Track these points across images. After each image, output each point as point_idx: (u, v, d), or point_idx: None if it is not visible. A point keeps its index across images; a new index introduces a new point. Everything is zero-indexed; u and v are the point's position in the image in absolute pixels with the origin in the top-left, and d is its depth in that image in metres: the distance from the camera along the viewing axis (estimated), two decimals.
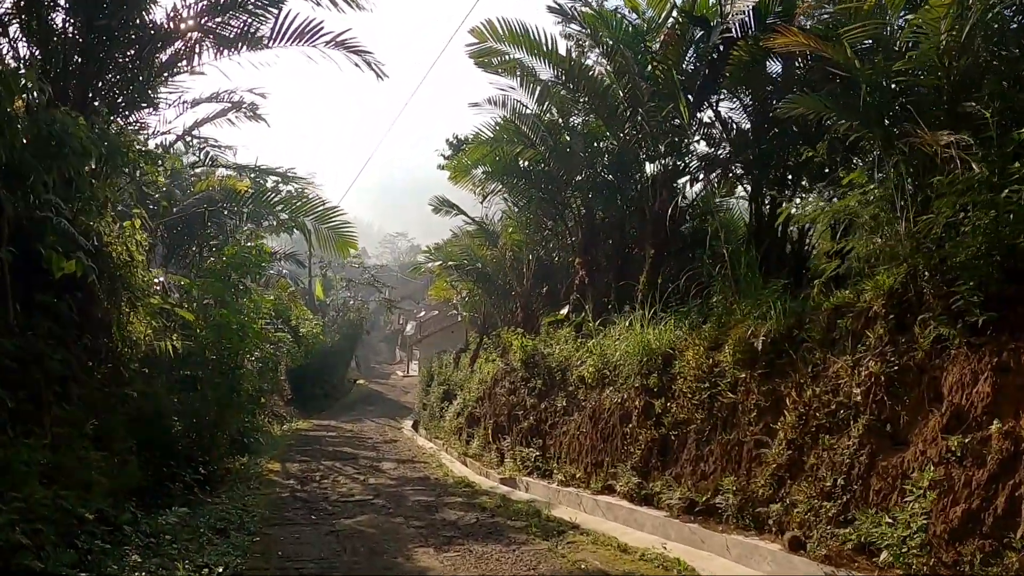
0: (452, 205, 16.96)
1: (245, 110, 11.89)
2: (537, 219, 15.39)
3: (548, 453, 10.67)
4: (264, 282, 17.62)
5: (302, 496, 8.98)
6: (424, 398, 23.87)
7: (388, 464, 12.21)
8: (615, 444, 9.08)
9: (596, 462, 9.39)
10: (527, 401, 11.48)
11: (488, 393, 13.38)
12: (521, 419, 11.52)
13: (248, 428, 13.25)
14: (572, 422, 10.27)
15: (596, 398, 9.79)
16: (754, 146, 10.67)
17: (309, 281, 30.71)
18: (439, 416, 19.62)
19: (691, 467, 7.49)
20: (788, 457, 6.02)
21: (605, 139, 12.25)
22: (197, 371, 10.47)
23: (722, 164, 10.92)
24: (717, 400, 7.23)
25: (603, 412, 9.51)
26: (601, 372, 9.77)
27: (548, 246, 16.61)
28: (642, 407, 8.64)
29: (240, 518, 7.21)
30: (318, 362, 25.24)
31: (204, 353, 10.40)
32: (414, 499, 8.81)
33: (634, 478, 8.29)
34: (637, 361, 8.93)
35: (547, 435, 10.83)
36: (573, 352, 11.11)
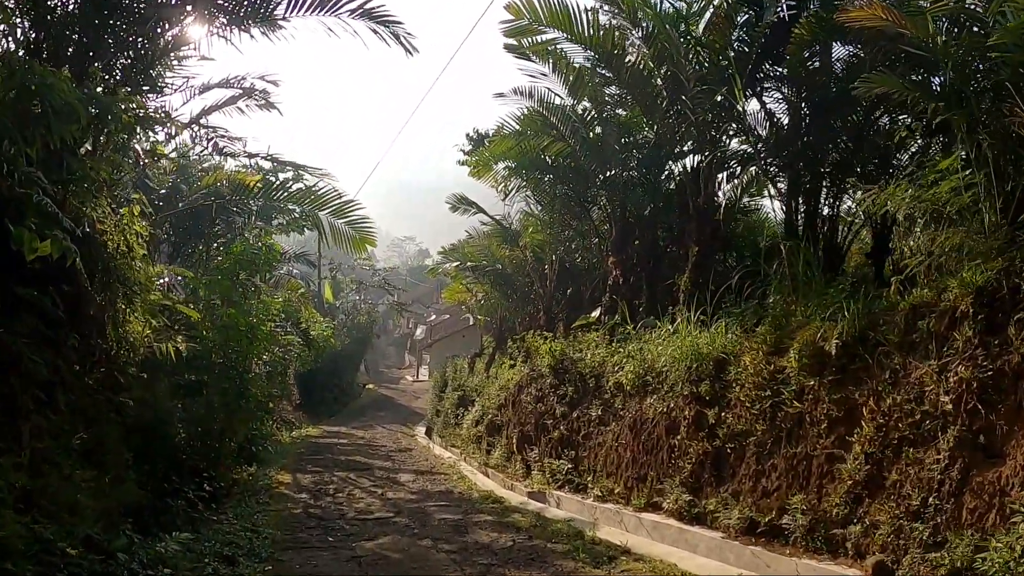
0: (471, 203, 16.18)
1: (256, 97, 11.16)
2: (561, 218, 14.59)
3: (581, 466, 9.85)
4: (274, 282, 16.89)
5: (316, 513, 8.19)
6: (437, 404, 23.04)
7: (406, 476, 11.41)
8: (660, 457, 8.28)
9: (638, 476, 8.58)
10: (557, 409, 10.65)
11: (511, 400, 12.56)
12: (550, 428, 10.69)
13: (257, 436, 12.51)
14: (609, 432, 9.44)
15: (636, 407, 8.98)
16: (800, 139, 9.89)
17: (319, 283, 29.98)
18: (454, 423, 18.81)
19: (751, 483, 6.75)
20: (866, 473, 5.38)
21: (641, 130, 11.45)
22: (203, 375, 9.74)
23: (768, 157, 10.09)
24: (781, 410, 6.50)
25: (645, 422, 8.70)
26: (643, 379, 8.97)
27: (571, 247, 15.82)
28: (692, 417, 7.86)
29: (250, 541, 6.42)
30: (328, 366, 24.50)
31: (210, 356, 9.66)
32: (439, 517, 8.00)
33: (684, 495, 7.52)
34: (685, 367, 8.18)
35: (580, 446, 10.00)
36: (608, 357, 10.30)
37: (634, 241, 11.52)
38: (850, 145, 10.22)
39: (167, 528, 6.49)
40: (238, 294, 10.26)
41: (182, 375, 9.06)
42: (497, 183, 14.23)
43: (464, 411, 18.54)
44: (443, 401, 22.16)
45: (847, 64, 9.75)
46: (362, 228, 10.33)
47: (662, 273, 12.52)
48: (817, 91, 9.69)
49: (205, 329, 9.53)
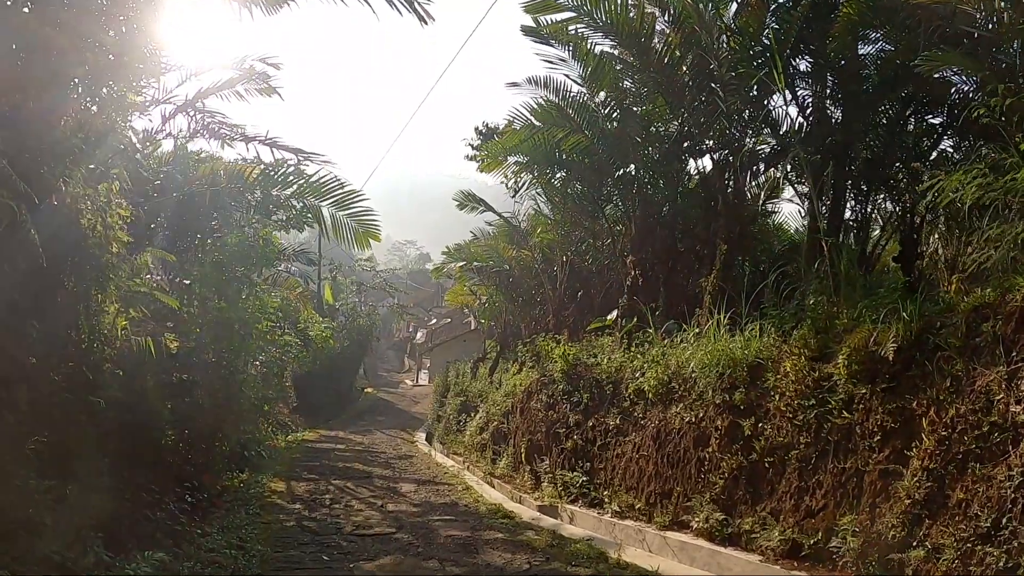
0: (479, 200, 15.53)
1: (256, 80, 10.50)
2: (572, 218, 13.93)
3: (597, 478, 9.15)
4: (271, 280, 16.21)
5: (311, 527, 7.49)
6: (439, 410, 22.36)
7: (407, 485, 10.70)
8: (688, 471, 7.62)
9: (662, 492, 7.91)
10: (570, 417, 9.97)
11: (519, 407, 11.86)
12: (563, 438, 10.00)
13: (250, 440, 11.82)
14: (628, 443, 8.76)
15: (660, 416, 8.31)
16: (832, 135, 9.28)
17: (318, 284, 29.32)
18: (456, 430, 18.13)
19: (792, 501, 6.15)
20: (927, 491, 4.85)
21: (664, 123, 10.80)
22: (193, 375, 9.06)
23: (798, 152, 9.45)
24: (827, 421, 5.95)
25: (670, 432, 8.03)
26: (667, 386, 8.31)
27: (581, 248, 15.18)
28: (725, 428, 7.22)
29: (235, 560, 5.73)
30: (326, 368, 23.79)
31: (200, 354, 8.99)
32: (446, 534, 7.30)
33: (716, 513, 6.89)
34: (716, 374, 7.53)
35: (595, 457, 9.31)
36: (626, 362, 9.62)
37: (653, 240, 10.85)
38: (882, 143, 9.67)
39: (145, 544, 5.81)
40: (232, 289, 9.60)
41: (168, 374, 8.38)
42: (507, 178, 13.59)
43: (467, 417, 17.88)
44: (445, 407, 21.48)
45: (876, 58, 9.22)
46: (366, 221, 9.65)
47: (679, 274, 11.92)
48: (853, 82, 9.13)
49: (195, 325, 8.87)
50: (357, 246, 9.78)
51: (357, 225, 9.67)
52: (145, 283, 5.68)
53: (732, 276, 9.26)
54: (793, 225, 13.14)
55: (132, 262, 7.93)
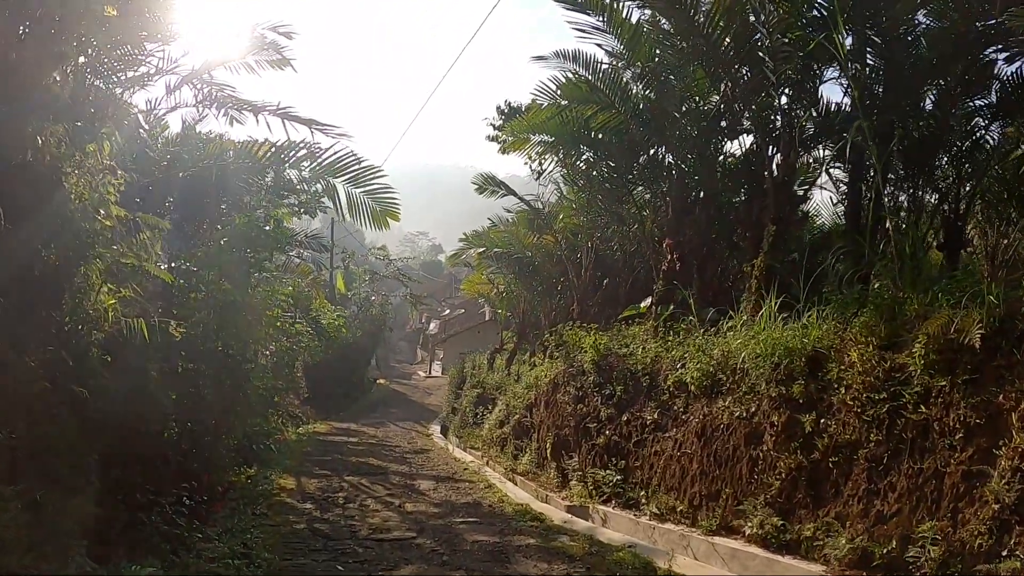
0: (499, 183, 14.77)
1: (267, 51, 9.75)
2: (599, 202, 13.15)
3: (633, 477, 8.44)
4: (283, 267, 15.56)
5: (323, 530, 6.82)
6: (454, 402, 21.73)
7: (425, 482, 10.02)
8: (739, 471, 6.91)
9: (708, 493, 7.20)
10: (602, 411, 9.24)
11: (544, 400, 11.15)
12: (594, 433, 9.28)
13: (258, 433, 11.20)
14: (668, 439, 8.04)
15: (704, 411, 7.59)
16: (883, 112, 8.49)
17: (331, 273, 28.67)
18: (473, 423, 17.49)
19: (861, 505, 5.55)
20: (1017, 494, 4.38)
21: (703, 95, 9.98)
22: (197, 363, 8.42)
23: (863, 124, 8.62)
24: (900, 416, 5.38)
25: (717, 428, 7.32)
26: (712, 378, 7.59)
27: (607, 233, 14.39)
28: (782, 424, 6.53)
29: (238, 571, 5.06)
30: (338, 359, 23.18)
31: (205, 342, 8.34)
32: (472, 539, 6.61)
33: (772, 517, 6.21)
34: (770, 364, 6.83)
35: (631, 455, 8.59)
36: (663, 353, 8.89)
37: (690, 223, 10.06)
38: (928, 126, 8.91)
39: (137, 552, 5.17)
40: (240, 273, 8.94)
41: (169, 362, 7.74)
42: (531, 159, 12.84)
43: (484, 410, 17.26)
44: (460, 399, 20.86)
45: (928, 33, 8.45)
46: (384, 199, 8.93)
47: (715, 259, 11.13)
48: (903, 60, 8.35)
49: (200, 310, 8.21)
50: (375, 226, 9.06)
51: (374, 203, 8.95)
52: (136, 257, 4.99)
53: (783, 258, 8.47)
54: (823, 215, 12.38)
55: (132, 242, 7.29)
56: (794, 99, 9.32)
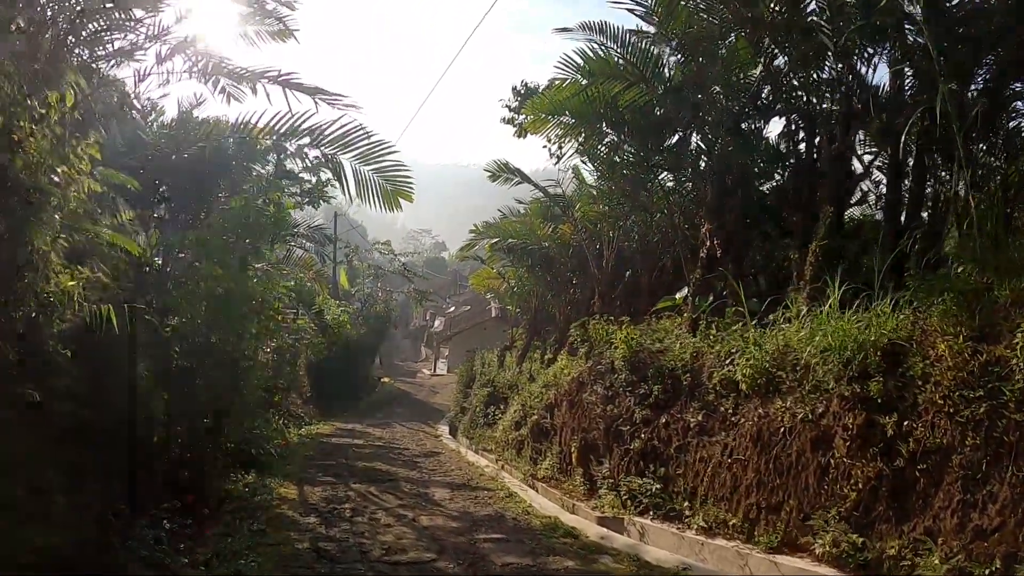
0: (514, 170, 13.88)
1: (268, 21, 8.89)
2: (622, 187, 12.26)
3: (674, 486, 7.56)
4: (285, 259, 14.69)
5: (328, 550, 5.94)
6: (463, 401, 20.83)
7: (440, 490, 9.15)
8: (804, 480, 6.09)
9: (767, 505, 6.34)
10: (636, 413, 8.36)
11: (567, 400, 10.26)
12: (627, 437, 8.40)
13: (257, 437, 10.34)
14: (715, 444, 7.17)
15: (759, 412, 6.73)
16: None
17: (334, 269, 27.82)
18: (484, 423, 16.60)
19: (955, 519, 4.85)
20: None
21: (744, 67, 9.09)
22: (188, 360, 7.58)
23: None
24: (1001, 417, 4.71)
25: (776, 432, 6.47)
26: (769, 375, 6.74)
27: (630, 222, 13.51)
28: (857, 426, 5.75)
29: None
30: (342, 356, 22.29)
31: (197, 336, 7.49)
32: (501, 561, 5.74)
33: (849, 533, 5.41)
34: (839, 359, 5.99)
35: (671, 461, 7.71)
36: (705, 348, 8.02)
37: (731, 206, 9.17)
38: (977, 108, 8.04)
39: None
40: (237, 261, 8.07)
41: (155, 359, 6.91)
42: (551, 142, 11.96)
43: (496, 410, 16.39)
44: (470, 398, 19.98)
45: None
46: (396, 178, 8.05)
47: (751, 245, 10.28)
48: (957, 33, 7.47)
49: (191, 302, 7.35)
50: (386, 207, 8.17)
51: (385, 182, 8.07)
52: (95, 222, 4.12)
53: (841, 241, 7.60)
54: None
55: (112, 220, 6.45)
56: (844, 72, 8.45)
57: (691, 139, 10.70)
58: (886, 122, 7.99)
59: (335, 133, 7.84)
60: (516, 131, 12.88)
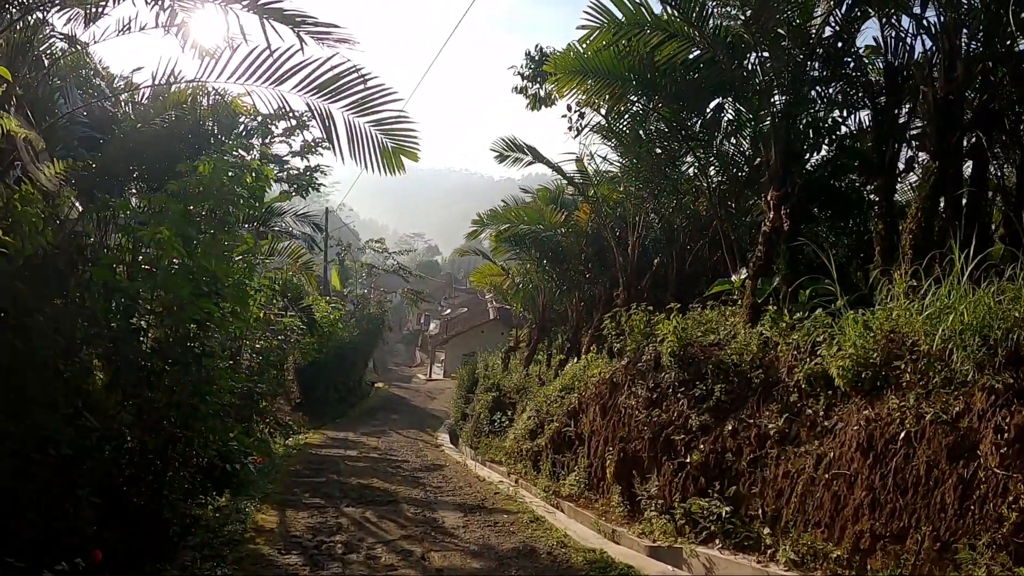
0: (526, 148, 12.41)
1: None
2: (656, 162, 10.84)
3: (749, 508, 6.08)
4: (267, 248, 13.14)
5: None
6: (464, 407, 19.32)
7: (450, 515, 7.61)
8: (938, 499, 4.73)
9: (885, 531, 4.95)
10: (691, 419, 6.87)
11: (599, 405, 8.77)
12: (680, 448, 6.91)
13: (235, 450, 8.77)
14: (804, 456, 5.72)
15: (866, 413, 5.31)
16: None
17: (325, 268, 26.23)
18: (490, 431, 15.13)
19: None
20: None
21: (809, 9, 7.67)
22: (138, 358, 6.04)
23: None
24: None
25: (892, 438, 5.04)
26: (876, 367, 5.32)
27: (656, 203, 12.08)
28: (1015, 427, 4.37)
29: None
30: (333, 359, 20.71)
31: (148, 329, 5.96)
32: None
33: (1011, 566, 4.04)
34: (979, 342, 4.58)
35: (743, 477, 6.23)
36: (777, 337, 6.57)
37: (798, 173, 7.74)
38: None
39: None
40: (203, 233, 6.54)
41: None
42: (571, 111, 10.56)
43: (503, 416, 14.93)
44: (472, 403, 18.50)
45: None
46: (398, 133, 6.54)
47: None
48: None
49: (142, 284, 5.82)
50: (387, 168, 6.64)
51: (385, 138, 6.54)
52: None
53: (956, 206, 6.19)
54: None
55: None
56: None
57: (747, 97, 9.29)
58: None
59: (324, 76, 6.34)
60: (529, 102, 11.43)
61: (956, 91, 6.34)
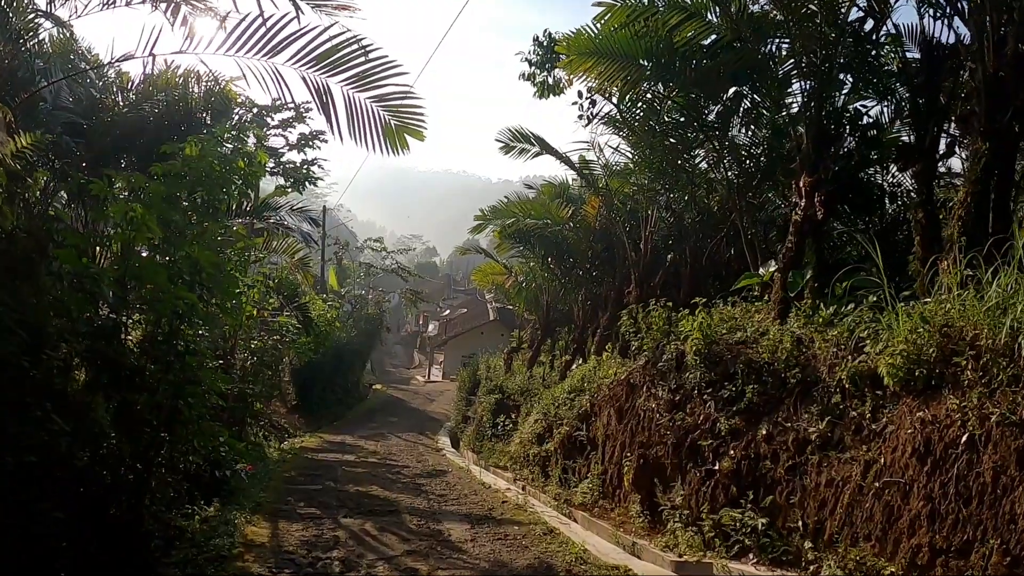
0: (533, 138, 11.88)
1: None
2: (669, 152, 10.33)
3: (788, 520, 5.56)
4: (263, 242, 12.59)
5: None
6: (466, 409, 18.79)
7: (456, 526, 7.06)
8: (1007, 508, 4.18)
9: (946, 545, 4.44)
10: (720, 423, 6.34)
11: (615, 407, 8.23)
12: (708, 454, 6.37)
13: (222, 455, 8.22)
14: (850, 463, 5.20)
15: (920, 416, 4.78)
16: None
17: (322, 267, 25.67)
18: (493, 435, 14.61)
19: None
20: None
21: None
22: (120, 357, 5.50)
23: None
24: None
25: (952, 442, 4.53)
26: (930, 364, 4.82)
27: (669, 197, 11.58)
28: None
29: None
30: (331, 360, 20.15)
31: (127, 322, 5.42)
32: None
33: None
34: None
35: (780, 486, 5.70)
36: (814, 334, 6.05)
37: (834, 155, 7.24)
38: None
39: None
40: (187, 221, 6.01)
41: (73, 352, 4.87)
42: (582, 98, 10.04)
43: (507, 419, 14.42)
44: (474, 406, 17.97)
45: None
46: (403, 109, 6.00)
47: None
48: None
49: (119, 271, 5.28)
50: (390, 147, 6.10)
51: (389, 115, 6.01)
52: None
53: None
54: None
55: None
56: None
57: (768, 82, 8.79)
58: None
59: (322, 47, 5.82)
60: (537, 90, 10.88)
61: (1007, 67, 5.83)
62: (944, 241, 6.00)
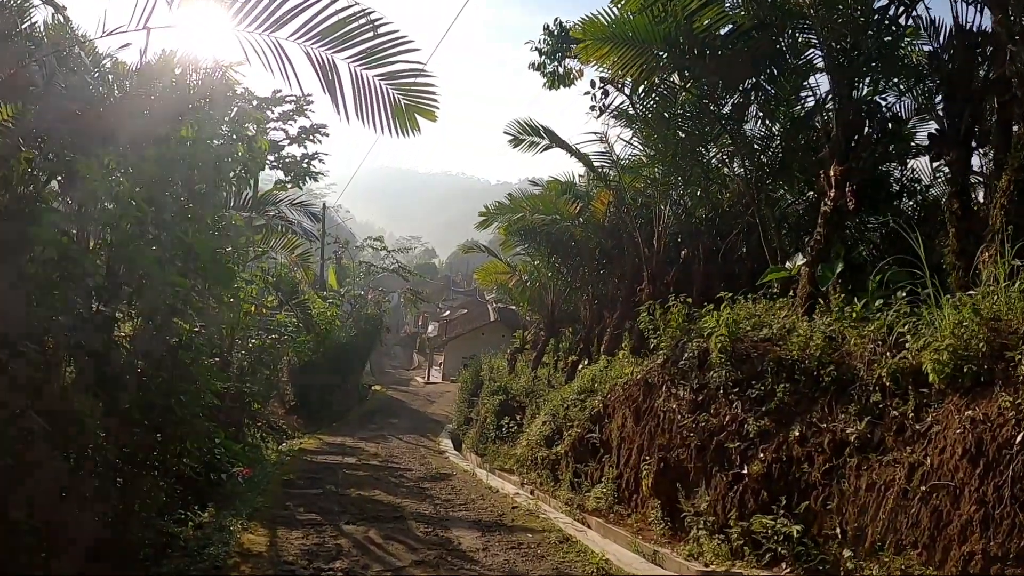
0: (542, 130, 11.52)
1: None
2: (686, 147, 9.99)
3: (824, 527, 5.19)
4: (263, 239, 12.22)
5: None
6: (468, 411, 18.39)
7: (466, 534, 6.68)
8: None
9: (1002, 553, 4.09)
10: (748, 424, 5.97)
11: (632, 408, 7.86)
12: (735, 457, 6.01)
13: (218, 458, 7.88)
14: (892, 465, 4.84)
15: (969, 415, 4.44)
16: None
17: (321, 266, 25.28)
18: (497, 437, 14.21)
19: None
20: None
21: None
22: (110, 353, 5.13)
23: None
24: None
25: (1006, 443, 4.18)
26: (979, 360, 4.47)
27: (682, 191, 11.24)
28: None
29: None
30: (330, 360, 19.74)
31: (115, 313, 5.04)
32: None
33: None
34: None
35: (815, 491, 5.33)
36: (848, 330, 5.70)
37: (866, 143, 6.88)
38: None
39: None
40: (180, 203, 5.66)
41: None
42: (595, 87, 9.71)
43: (512, 421, 14.02)
44: (476, 407, 17.57)
45: None
46: (413, 87, 5.65)
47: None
48: None
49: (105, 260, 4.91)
50: (399, 129, 5.75)
51: (399, 94, 5.65)
52: None
53: None
54: None
55: None
56: None
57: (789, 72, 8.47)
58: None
59: (328, 20, 5.46)
60: (547, 81, 10.55)
61: None
62: (985, 231, 5.67)
